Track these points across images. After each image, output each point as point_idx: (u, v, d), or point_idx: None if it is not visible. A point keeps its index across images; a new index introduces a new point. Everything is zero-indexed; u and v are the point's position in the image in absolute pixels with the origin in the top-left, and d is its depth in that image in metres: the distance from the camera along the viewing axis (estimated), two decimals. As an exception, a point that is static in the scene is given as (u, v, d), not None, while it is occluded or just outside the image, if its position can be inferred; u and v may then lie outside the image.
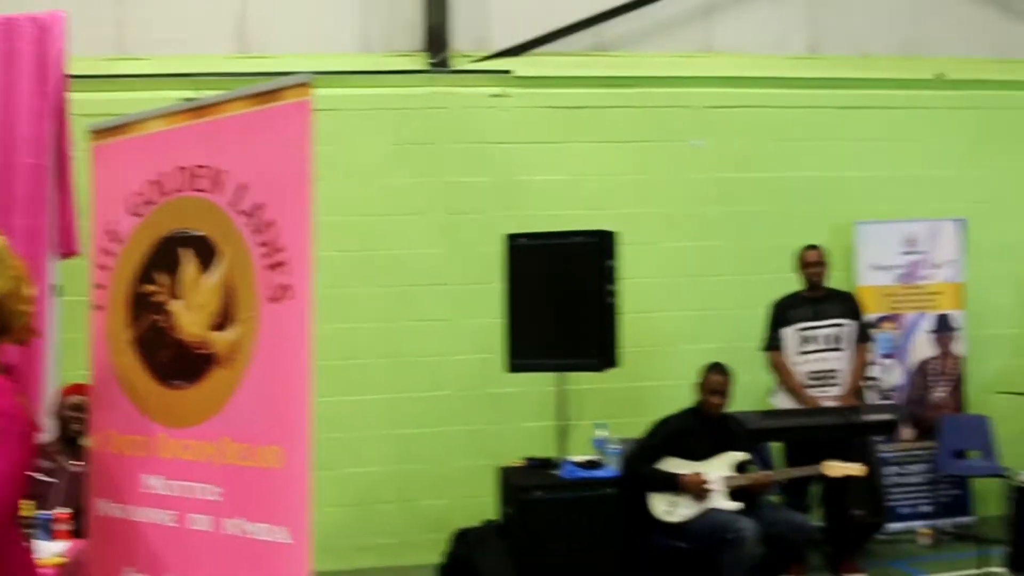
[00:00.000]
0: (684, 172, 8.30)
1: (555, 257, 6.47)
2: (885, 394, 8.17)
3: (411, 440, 7.79)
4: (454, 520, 6.95)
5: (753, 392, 7.38)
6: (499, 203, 7.90)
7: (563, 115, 8.15)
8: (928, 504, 8.19)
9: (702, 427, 6.43)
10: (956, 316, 8.32)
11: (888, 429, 7.00)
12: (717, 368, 6.47)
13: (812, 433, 6.58)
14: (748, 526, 5.92)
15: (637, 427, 6.68)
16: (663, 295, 8.12)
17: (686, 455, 6.32)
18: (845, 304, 7.26)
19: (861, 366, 7.22)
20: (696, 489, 6.17)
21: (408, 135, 7.92)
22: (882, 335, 8.20)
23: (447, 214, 7.93)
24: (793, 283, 7.39)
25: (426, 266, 7.87)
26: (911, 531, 7.99)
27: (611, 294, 6.36)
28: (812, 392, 7.04)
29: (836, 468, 5.92)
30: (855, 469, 5.88)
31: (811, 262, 7.25)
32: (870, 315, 8.10)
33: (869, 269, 8.23)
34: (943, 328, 8.30)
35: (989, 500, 7.97)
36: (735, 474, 6.27)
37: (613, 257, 6.45)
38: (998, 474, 7.53)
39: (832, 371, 7.08)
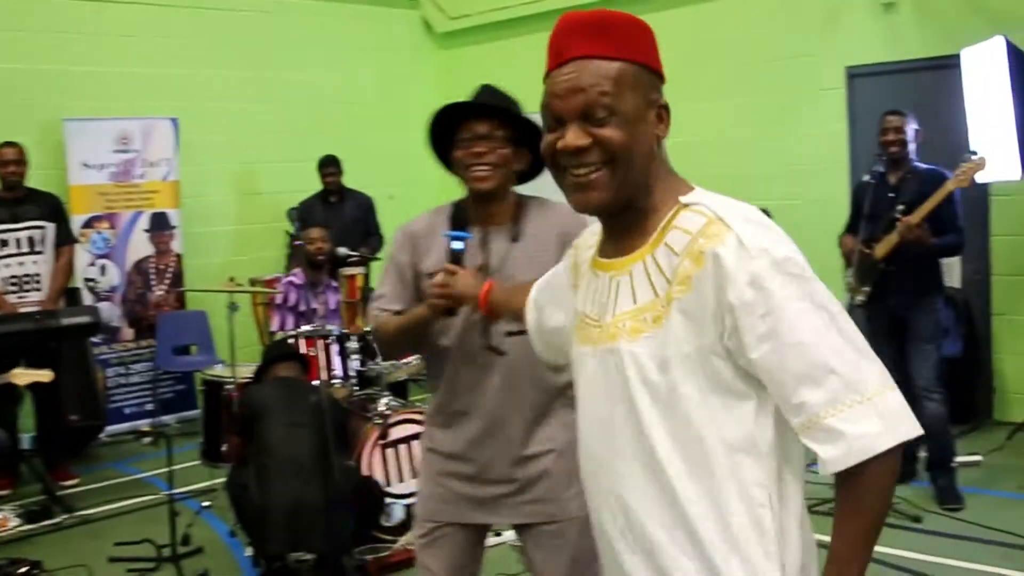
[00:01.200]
0: None
1: None
2: (103, 295, 8.00)
3: None
4: None
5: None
6: None
7: None
8: (152, 402, 8.25)
9: None
10: (172, 214, 8.36)
11: (89, 332, 6.78)
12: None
13: (4, 341, 6.11)
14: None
15: None
16: None
17: None
18: (45, 205, 6.83)
19: (63, 269, 6.86)
20: None
21: None
22: (97, 235, 7.97)
23: None
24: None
25: None
26: (136, 431, 7.99)
27: None
28: (11, 298, 6.58)
29: (23, 376, 5.58)
30: (43, 376, 5.59)
31: (7, 160, 6.64)
32: (83, 215, 7.84)
33: (80, 167, 7.88)
34: (160, 226, 8.29)
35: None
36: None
37: None
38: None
39: (32, 275, 6.67)
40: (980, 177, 5.85)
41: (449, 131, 2.86)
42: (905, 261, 5.44)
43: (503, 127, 2.81)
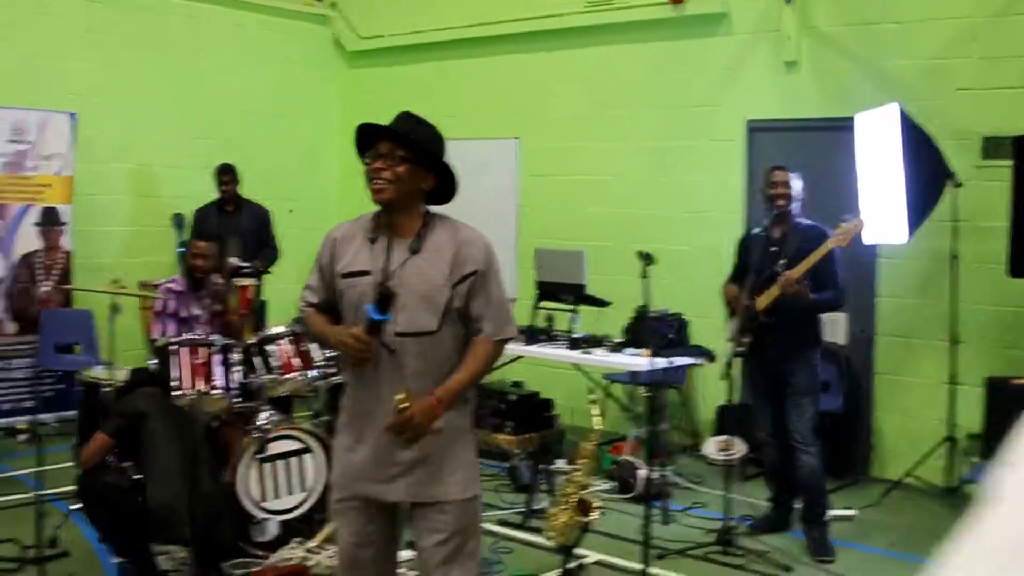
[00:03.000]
0: None
1: None
2: None
3: None
4: None
5: None
6: None
7: None
8: (31, 399, 8.04)
9: None
10: (64, 210, 8.19)
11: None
12: None
13: None
14: None
15: None
16: None
17: None
18: None
19: None
20: None
21: None
22: (-16, 226, 7.79)
23: None
24: None
25: None
26: (12, 427, 7.78)
27: None
28: None
29: None
30: None
31: None
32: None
33: (-29, 155, 7.69)
34: (50, 222, 8.12)
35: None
36: None
37: None
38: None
39: None
40: (867, 239, 6.05)
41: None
42: (785, 314, 5.57)
43: (403, 149, 3.20)
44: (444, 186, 3.32)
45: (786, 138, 7.73)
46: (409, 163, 3.21)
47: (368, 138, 3.30)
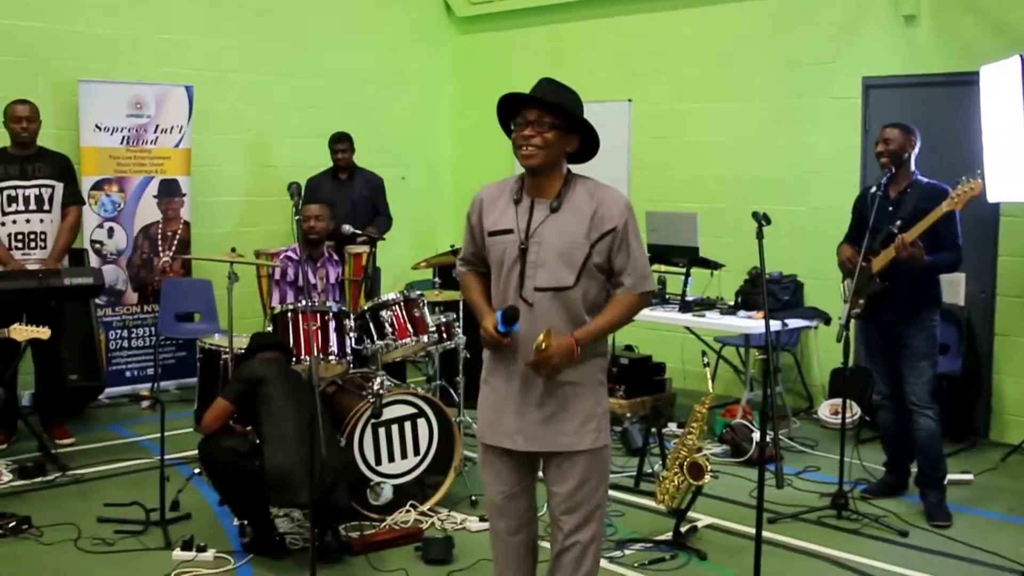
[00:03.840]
0: None
1: None
2: (110, 258, 8.05)
3: None
4: None
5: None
6: None
7: None
8: (153, 367, 8.31)
9: None
10: (182, 182, 8.40)
11: (92, 293, 6.79)
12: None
13: (6, 297, 6.14)
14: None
15: None
16: None
17: None
18: (55, 164, 6.80)
19: (69, 228, 6.80)
20: None
21: None
22: (106, 198, 8.02)
23: None
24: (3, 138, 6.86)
25: None
26: (135, 395, 8.05)
27: None
28: (16, 255, 6.59)
29: (22, 332, 5.65)
30: (41, 332, 5.67)
31: (20, 117, 6.65)
32: (93, 176, 7.89)
33: (93, 129, 7.92)
34: (169, 193, 8.34)
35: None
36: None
37: None
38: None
39: (38, 233, 6.68)
40: (990, 196, 5.82)
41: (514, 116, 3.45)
42: (901, 276, 5.42)
43: (550, 115, 3.37)
44: (584, 146, 3.49)
45: (905, 95, 7.48)
46: (557, 128, 3.38)
47: (511, 106, 3.45)
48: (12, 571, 4.69)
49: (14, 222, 6.63)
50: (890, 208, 5.51)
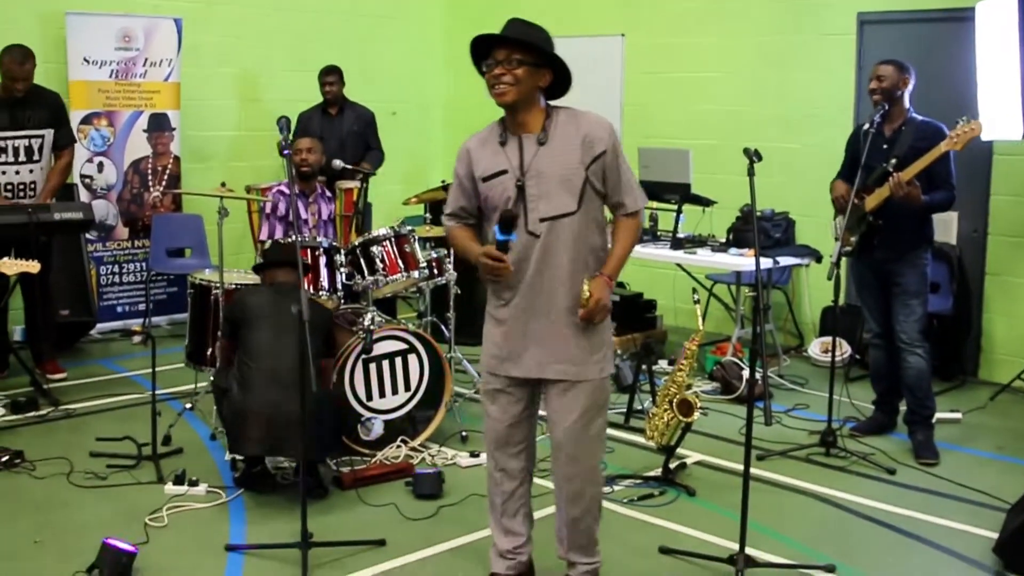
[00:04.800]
0: None
1: None
2: (100, 193, 8.00)
3: None
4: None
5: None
6: None
7: None
8: (144, 302, 8.30)
9: None
10: (172, 116, 8.32)
11: (82, 228, 6.71)
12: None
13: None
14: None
15: None
16: None
17: None
18: (46, 108, 6.52)
19: (61, 170, 6.60)
20: None
21: None
22: (95, 132, 7.95)
23: None
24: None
25: None
26: (126, 329, 8.05)
27: None
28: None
29: (10, 266, 5.62)
30: (30, 267, 5.64)
31: (16, 77, 6.28)
32: (82, 110, 7.80)
33: (81, 63, 7.81)
34: (159, 127, 8.26)
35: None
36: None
37: None
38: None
39: (28, 183, 6.49)
40: (984, 135, 5.78)
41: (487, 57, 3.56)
42: (894, 214, 5.41)
43: (519, 52, 3.48)
44: (558, 80, 3.59)
45: (900, 31, 7.40)
46: (526, 65, 3.49)
47: (483, 47, 3.55)
48: (5, 505, 4.72)
49: (3, 173, 6.46)
50: (884, 146, 5.47)
